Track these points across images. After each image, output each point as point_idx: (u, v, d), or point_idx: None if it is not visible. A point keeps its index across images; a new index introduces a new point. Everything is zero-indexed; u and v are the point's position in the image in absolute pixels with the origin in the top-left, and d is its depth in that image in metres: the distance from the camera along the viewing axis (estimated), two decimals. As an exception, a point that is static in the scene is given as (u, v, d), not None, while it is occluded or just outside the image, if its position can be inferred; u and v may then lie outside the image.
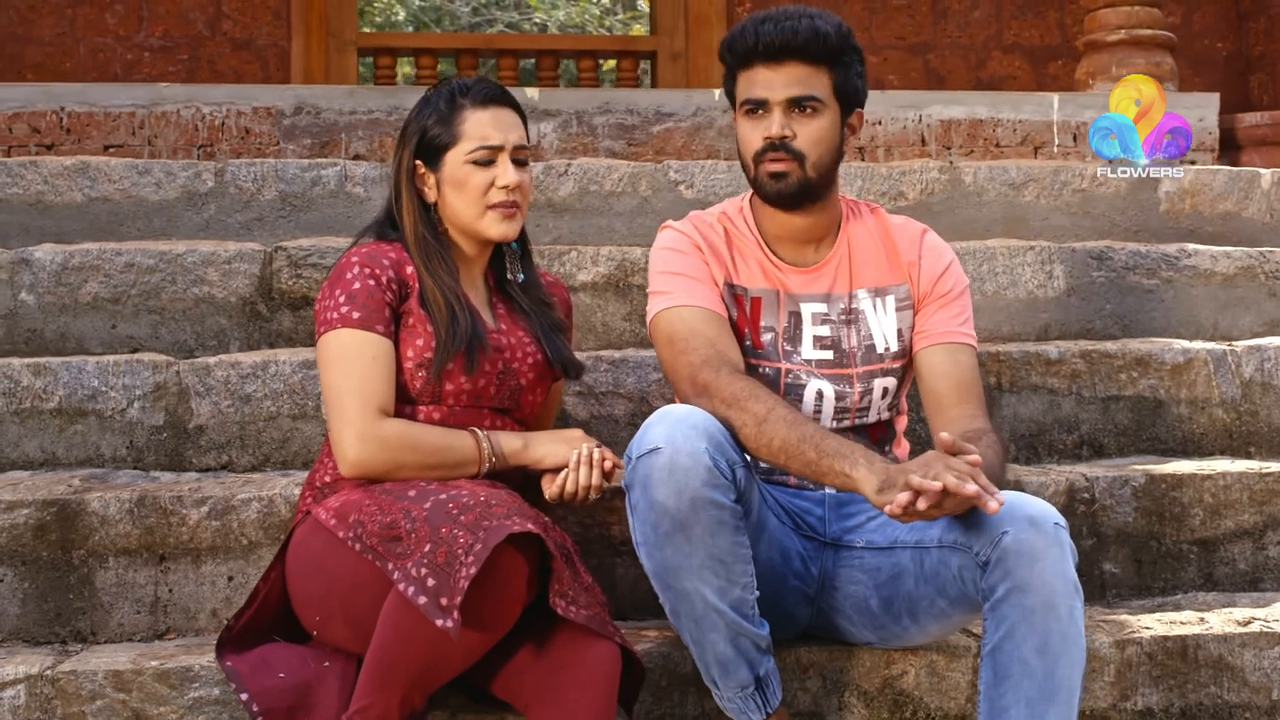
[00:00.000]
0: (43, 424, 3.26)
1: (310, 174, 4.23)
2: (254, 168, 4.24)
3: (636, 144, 5.00)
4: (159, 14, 7.18)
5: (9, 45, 7.10)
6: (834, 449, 2.32)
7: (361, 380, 2.54)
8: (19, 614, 2.87)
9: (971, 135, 5.15)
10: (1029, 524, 2.24)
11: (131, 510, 2.88)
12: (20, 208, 4.16)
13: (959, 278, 2.71)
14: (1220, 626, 2.79)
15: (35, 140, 4.81)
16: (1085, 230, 4.44)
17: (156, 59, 7.14)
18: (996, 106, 5.19)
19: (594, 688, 2.29)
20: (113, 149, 4.85)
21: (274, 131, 4.98)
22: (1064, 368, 3.48)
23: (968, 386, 2.62)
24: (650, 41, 7.94)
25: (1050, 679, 2.22)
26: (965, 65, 7.44)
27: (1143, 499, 3.12)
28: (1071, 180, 4.45)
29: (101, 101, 4.93)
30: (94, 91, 4.99)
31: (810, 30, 2.55)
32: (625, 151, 4.96)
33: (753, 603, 2.38)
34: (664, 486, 2.27)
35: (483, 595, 2.21)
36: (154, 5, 7.18)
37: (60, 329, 3.66)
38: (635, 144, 5.00)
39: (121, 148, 4.86)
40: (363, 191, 4.25)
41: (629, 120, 5.04)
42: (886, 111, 5.13)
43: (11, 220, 4.15)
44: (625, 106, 5.03)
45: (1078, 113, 5.05)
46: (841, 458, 2.30)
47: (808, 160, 2.58)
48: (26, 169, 4.18)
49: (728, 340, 2.58)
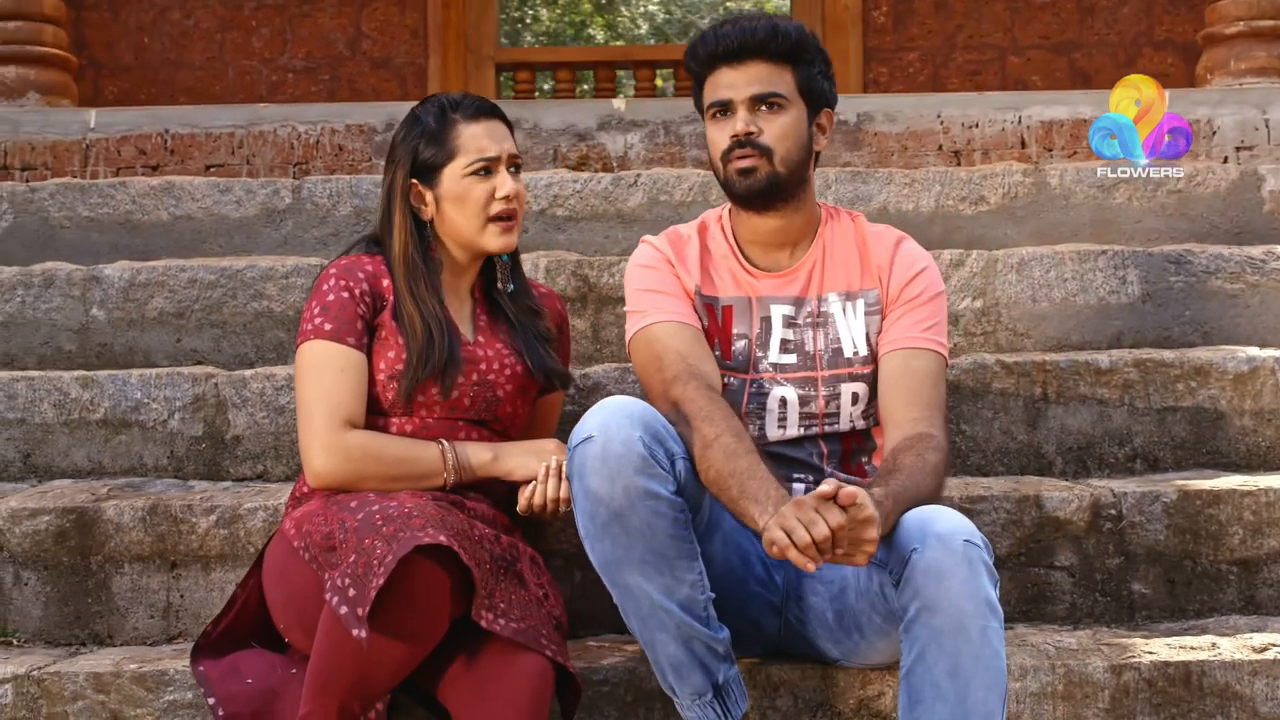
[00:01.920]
0: (89, 434, 3.39)
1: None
2: (329, 184, 4.33)
3: (723, 152, 4.95)
4: (302, 36, 7.42)
5: (163, 70, 7.42)
6: (753, 492, 2.28)
7: (328, 392, 2.57)
8: (41, 616, 2.98)
9: (1075, 136, 4.95)
10: (937, 541, 2.16)
11: (144, 518, 2.97)
12: (110, 226, 4.33)
13: (930, 284, 2.64)
14: (1231, 653, 2.62)
15: (141, 162, 5.01)
16: (1181, 233, 4.23)
17: (299, 80, 7.37)
18: (1101, 105, 4.95)
19: (517, 700, 2.28)
20: (213, 168, 5.02)
21: (366, 148, 5.08)
22: (1115, 377, 3.31)
23: (919, 392, 2.54)
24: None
25: (963, 703, 2.13)
26: (1114, 63, 7.16)
27: (1175, 516, 2.95)
28: (1166, 181, 4.24)
29: (203, 123, 5.11)
30: (195, 114, 5.17)
31: (769, 29, 2.56)
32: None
33: (705, 604, 2.34)
34: (597, 475, 2.26)
35: (401, 606, 2.22)
36: (297, 28, 7.42)
37: (129, 343, 3.79)
38: (722, 152, 4.95)
39: (222, 167, 5.02)
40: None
41: (716, 128, 4.99)
42: (983, 113, 4.97)
43: (103, 239, 4.33)
44: (712, 114, 4.98)
45: (1189, 109, 4.80)
46: (755, 503, 2.27)
47: (775, 154, 2.55)
48: (116, 189, 4.35)
49: (700, 351, 2.57)
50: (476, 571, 2.26)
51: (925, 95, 5.55)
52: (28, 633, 2.98)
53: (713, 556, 2.42)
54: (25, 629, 2.98)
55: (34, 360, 3.79)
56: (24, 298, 3.82)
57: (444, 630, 2.29)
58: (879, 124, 4.97)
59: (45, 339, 3.81)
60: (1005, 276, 3.73)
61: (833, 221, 2.71)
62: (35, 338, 3.81)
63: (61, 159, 5.06)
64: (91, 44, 7.48)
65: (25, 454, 3.39)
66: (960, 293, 3.72)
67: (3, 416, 3.38)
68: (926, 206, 4.23)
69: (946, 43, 7.41)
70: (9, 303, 3.81)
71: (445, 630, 2.30)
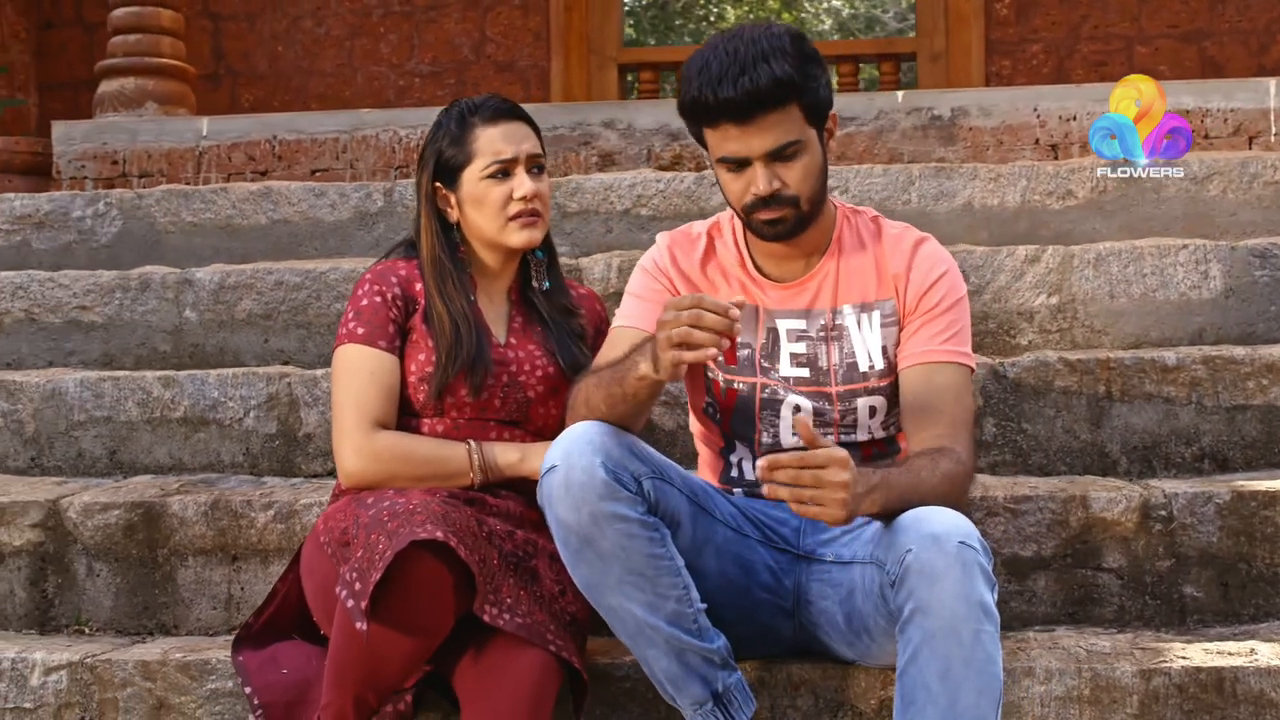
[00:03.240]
0: (170, 432, 3.52)
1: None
2: (418, 187, 4.42)
3: (816, 150, 4.93)
4: (428, 41, 7.58)
5: (296, 78, 7.64)
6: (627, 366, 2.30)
7: (359, 394, 2.64)
8: (112, 606, 3.12)
9: (1177, 127, 4.81)
10: (931, 541, 2.12)
11: (206, 513, 3.08)
12: (212, 231, 4.49)
13: (950, 290, 2.54)
14: (1269, 659, 2.54)
15: (250, 167, 5.19)
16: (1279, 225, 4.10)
17: (426, 84, 7.53)
18: (1205, 95, 4.82)
19: (518, 693, 2.32)
20: (318, 173, 5.17)
21: (466, 151, 5.17)
22: (1182, 375, 3.23)
23: (942, 410, 2.45)
24: (910, 43, 7.78)
25: (953, 707, 2.09)
26: (1245, 51, 6.93)
27: (1228, 518, 2.87)
28: (1263, 172, 4.11)
29: (309, 129, 5.26)
30: (302, 120, 5.33)
31: (770, 79, 2.34)
32: (805, 158, 4.89)
33: (694, 616, 2.33)
34: (563, 503, 2.26)
35: (402, 600, 2.27)
36: (423, 33, 7.58)
37: (219, 344, 3.93)
38: (815, 150, 4.93)
39: (326, 171, 5.17)
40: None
41: (808, 126, 4.97)
42: (1081, 106, 4.86)
43: (205, 243, 4.49)
44: (804, 112, 4.96)
45: (1310, 98, 4.65)
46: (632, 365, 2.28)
47: (801, 199, 2.45)
48: (217, 195, 4.51)
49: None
50: (476, 567, 2.30)
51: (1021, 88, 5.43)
52: (99, 622, 3.12)
53: (705, 570, 2.40)
54: (97, 618, 3.12)
55: (131, 360, 3.96)
56: (122, 300, 3.98)
57: (449, 624, 2.34)
58: (973, 118, 4.90)
59: (141, 340, 3.97)
60: (1082, 272, 3.66)
61: (850, 225, 2.61)
62: (132, 339, 3.98)
63: (176, 166, 5.26)
64: (229, 54, 7.75)
65: (111, 450, 3.54)
66: (1035, 289, 3.66)
67: (91, 415, 3.54)
68: (1012, 202, 4.16)
69: (1071, 34, 7.25)
70: (108, 305, 3.99)
71: (450, 624, 2.34)
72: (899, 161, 4.88)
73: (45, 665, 2.79)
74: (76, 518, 3.12)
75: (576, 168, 5.11)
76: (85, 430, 3.54)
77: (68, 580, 3.13)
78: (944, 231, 4.15)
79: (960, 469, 2.37)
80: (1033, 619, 2.89)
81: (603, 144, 5.16)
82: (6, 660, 2.80)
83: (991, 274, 3.67)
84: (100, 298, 4.00)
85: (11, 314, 4.03)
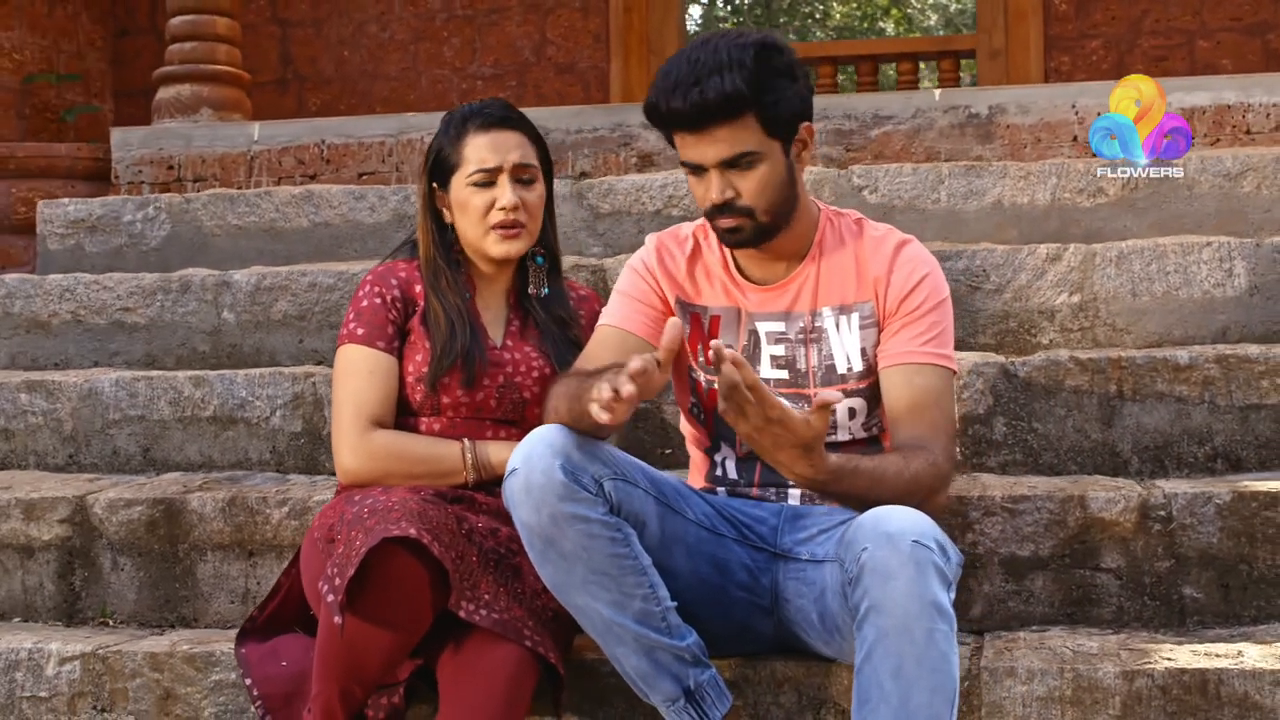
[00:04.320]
0: (200, 430, 3.62)
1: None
2: (455, 189, 4.49)
3: (854, 149, 4.93)
4: (490, 44, 7.68)
5: (361, 83, 7.78)
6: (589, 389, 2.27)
7: (356, 394, 2.71)
8: (135, 599, 3.22)
9: (1217, 123, 4.74)
10: (886, 540, 2.13)
11: (224, 509, 3.17)
12: (256, 234, 4.60)
13: (931, 293, 2.54)
14: (1255, 661, 2.52)
15: (300, 171, 5.29)
16: (1315, 222, 4.04)
17: (488, 86, 7.62)
18: (1247, 90, 4.75)
19: (492, 687, 2.37)
20: (365, 176, 5.26)
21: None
22: (1195, 374, 3.20)
23: (921, 412, 2.46)
24: (969, 40, 7.75)
25: (905, 705, 2.10)
26: (1312, 44, 6.82)
27: (1229, 518, 2.84)
28: (1285, 170, 4.05)
29: (356, 133, 5.36)
30: (350, 124, 5.43)
31: (718, 94, 2.36)
32: (843, 158, 4.89)
33: (662, 614, 2.36)
34: (524, 506, 2.30)
35: (379, 595, 2.34)
36: (485, 36, 7.68)
37: (256, 344, 4.03)
38: (853, 149, 4.93)
39: (373, 174, 5.26)
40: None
41: (846, 125, 4.96)
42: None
43: (249, 246, 4.60)
44: (842, 112, 4.96)
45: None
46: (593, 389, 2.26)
47: (757, 210, 2.47)
48: (261, 199, 4.61)
49: (617, 357, 2.49)
50: (450, 564, 2.36)
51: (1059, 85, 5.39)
52: (123, 614, 3.22)
53: (677, 569, 2.43)
54: (121, 611, 3.22)
55: (172, 360, 4.07)
56: (163, 302, 4.10)
57: (427, 619, 2.40)
58: (1011, 115, 4.87)
59: (182, 340, 4.08)
60: (1104, 270, 3.63)
61: (833, 228, 2.62)
62: (174, 339, 4.09)
63: (229, 170, 5.38)
64: (296, 59, 7.91)
65: (145, 448, 3.65)
66: (1057, 288, 3.64)
67: (125, 414, 3.65)
68: (1042, 200, 4.14)
69: (1131, 28, 7.16)
70: (150, 307, 4.10)
71: (428, 619, 2.40)
72: (936, 160, 4.87)
73: (60, 656, 2.89)
74: (102, 514, 3.22)
75: (616, 169, 5.16)
76: (120, 429, 3.66)
77: (94, 574, 3.24)
78: (973, 230, 4.14)
79: (933, 470, 2.38)
80: (1030, 619, 2.88)
81: (642, 145, 5.20)
82: (24, 650, 2.91)
83: (1012, 273, 3.66)
84: (142, 300, 4.12)
85: (59, 315, 4.16)
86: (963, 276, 3.67)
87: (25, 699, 2.90)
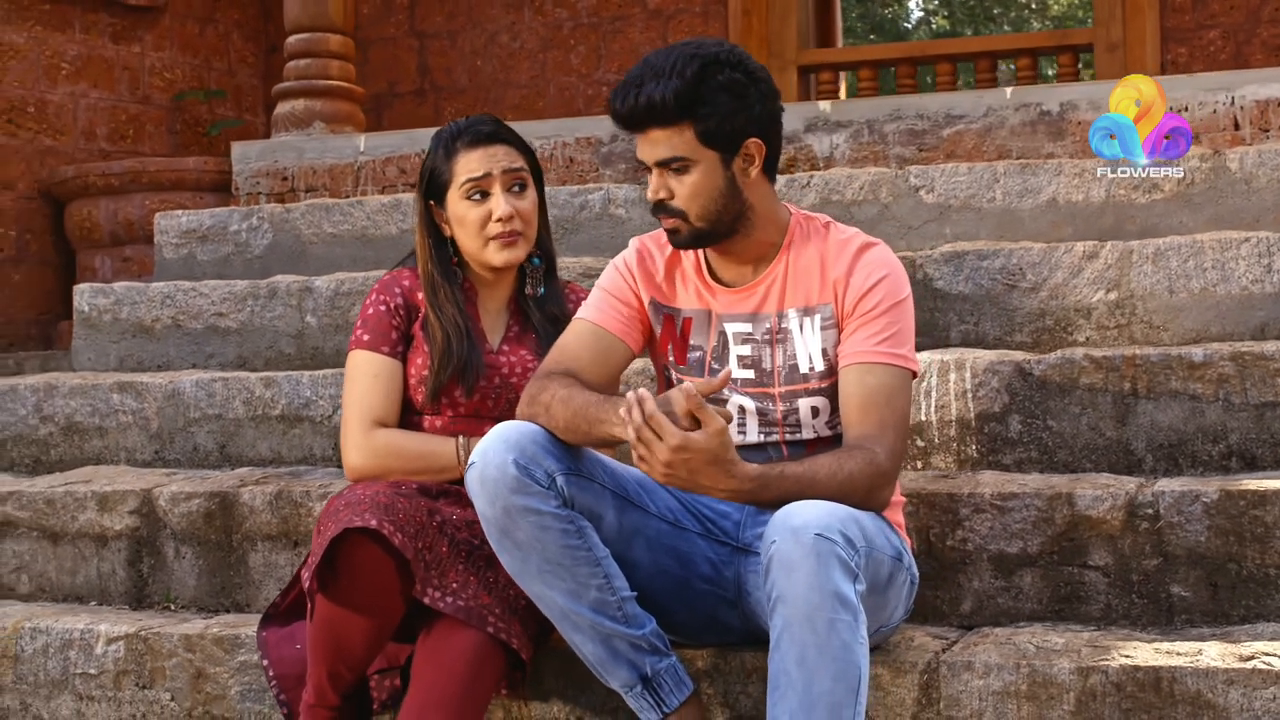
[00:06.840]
0: (270, 428, 3.87)
1: (578, 199, 4.61)
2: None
3: (927, 149, 4.95)
4: (614, 51, 7.86)
5: (493, 90, 8.03)
6: (595, 415, 2.43)
7: (362, 396, 2.90)
8: (195, 586, 3.47)
9: (1287, 114, 4.65)
10: (790, 533, 2.22)
11: (271, 502, 3.40)
12: (349, 241, 4.85)
13: (888, 293, 2.60)
14: (1212, 660, 2.53)
15: (402, 180, 5.53)
16: (1379, 215, 3.95)
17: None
18: (1327, 80, 4.65)
19: (453, 670, 2.52)
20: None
21: (594, 159, 5.40)
22: (1209, 371, 3.19)
23: (869, 409, 2.53)
24: (1087, 34, 7.61)
25: (809, 692, 2.19)
26: None
27: (1217, 517, 2.85)
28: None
29: (453, 143, 5.57)
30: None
31: (647, 101, 2.49)
32: (915, 157, 4.92)
33: (618, 604, 2.48)
34: (480, 498, 2.45)
35: (349, 583, 2.52)
36: (610, 43, 7.86)
37: (335, 346, 4.27)
38: (925, 149, 4.95)
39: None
40: (624, 213, 4.57)
41: (919, 125, 4.99)
42: (1193, 95, 4.73)
43: (344, 253, 4.85)
44: (915, 112, 4.98)
45: None
46: (601, 423, 2.41)
47: (690, 214, 2.57)
48: (354, 207, 4.86)
49: (591, 353, 2.66)
50: (411, 553, 2.52)
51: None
52: (184, 600, 3.48)
53: (637, 561, 2.55)
54: (182, 596, 3.48)
55: (261, 362, 4.34)
56: (253, 307, 4.37)
57: (398, 605, 2.57)
58: (1083, 112, 4.84)
59: (270, 343, 4.34)
60: (1141, 268, 3.63)
61: (802, 232, 2.70)
62: (262, 342, 4.35)
63: (338, 180, 5.66)
64: (433, 70, 8.21)
65: (221, 445, 3.92)
66: (1094, 285, 3.65)
67: (204, 413, 3.92)
68: (1097, 197, 4.13)
69: (1250, 18, 6.99)
70: (241, 312, 4.38)
71: (400, 606, 2.57)
72: (1007, 158, 4.87)
73: (107, 636, 3.16)
74: (165, 506, 3.49)
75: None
76: (200, 427, 3.93)
77: (159, 561, 3.50)
78: (1028, 229, 4.16)
79: (870, 469, 2.45)
80: (1019, 615, 2.93)
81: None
82: (77, 631, 3.18)
83: (1049, 270, 3.68)
84: (235, 305, 4.39)
85: (161, 321, 4.46)
86: (1000, 275, 3.70)
87: (77, 675, 3.17)
